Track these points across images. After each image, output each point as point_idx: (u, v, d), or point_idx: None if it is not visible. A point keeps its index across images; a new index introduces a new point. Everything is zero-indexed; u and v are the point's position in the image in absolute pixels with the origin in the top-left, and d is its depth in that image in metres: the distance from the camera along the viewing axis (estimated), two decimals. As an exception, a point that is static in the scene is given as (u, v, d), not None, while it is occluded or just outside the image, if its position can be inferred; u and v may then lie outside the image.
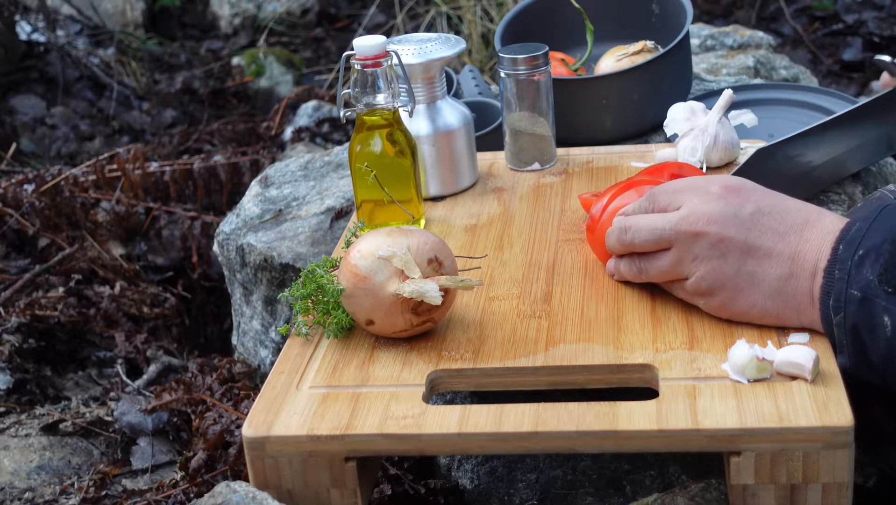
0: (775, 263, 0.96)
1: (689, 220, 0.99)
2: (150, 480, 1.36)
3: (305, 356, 1.03)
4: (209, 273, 2.00)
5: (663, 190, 1.04)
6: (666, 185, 1.05)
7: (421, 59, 1.29)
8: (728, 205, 0.98)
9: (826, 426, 0.86)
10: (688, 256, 0.99)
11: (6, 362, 1.55)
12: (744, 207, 0.98)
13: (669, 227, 1.00)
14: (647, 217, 1.04)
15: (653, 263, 1.03)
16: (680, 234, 0.99)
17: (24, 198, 1.94)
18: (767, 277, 0.96)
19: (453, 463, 1.18)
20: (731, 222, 0.97)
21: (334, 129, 2.33)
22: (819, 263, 0.93)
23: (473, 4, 2.94)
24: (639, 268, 1.05)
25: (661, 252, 1.02)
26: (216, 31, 3.65)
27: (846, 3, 3.32)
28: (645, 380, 0.97)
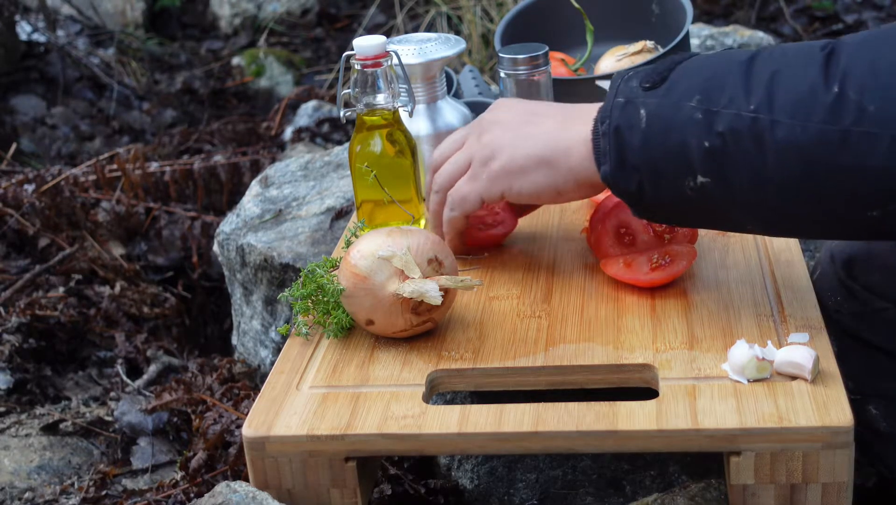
0: (551, 121, 1.03)
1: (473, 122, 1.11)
2: (151, 479, 1.36)
3: (305, 356, 1.03)
4: (209, 273, 2.00)
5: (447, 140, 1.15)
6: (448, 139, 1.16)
7: (421, 59, 1.29)
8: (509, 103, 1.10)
9: (826, 426, 0.86)
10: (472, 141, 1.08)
11: (6, 362, 1.55)
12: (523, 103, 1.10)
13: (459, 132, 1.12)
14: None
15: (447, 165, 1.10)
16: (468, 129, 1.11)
17: (25, 198, 1.94)
18: (543, 129, 1.03)
19: (453, 463, 1.18)
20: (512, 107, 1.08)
21: (334, 129, 2.33)
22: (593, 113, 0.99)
23: (473, 4, 2.94)
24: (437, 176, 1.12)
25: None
26: (216, 31, 3.65)
27: (846, 3, 3.32)
28: (645, 380, 0.97)
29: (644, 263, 1.09)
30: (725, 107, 0.89)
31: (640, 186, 0.94)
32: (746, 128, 0.87)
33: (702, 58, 0.95)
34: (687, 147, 0.90)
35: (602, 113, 0.96)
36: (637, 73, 0.97)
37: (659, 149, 0.92)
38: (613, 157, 0.95)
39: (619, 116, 0.94)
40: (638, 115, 0.93)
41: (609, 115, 0.95)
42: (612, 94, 0.96)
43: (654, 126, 0.92)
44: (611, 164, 0.95)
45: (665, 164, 0.92)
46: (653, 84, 0.94)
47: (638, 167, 0.93)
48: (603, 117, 0.96)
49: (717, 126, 0.88)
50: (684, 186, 0.92)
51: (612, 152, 0.95)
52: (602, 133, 0.96)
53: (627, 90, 0.95)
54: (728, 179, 0.89)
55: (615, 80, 0.97)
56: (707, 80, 0.91)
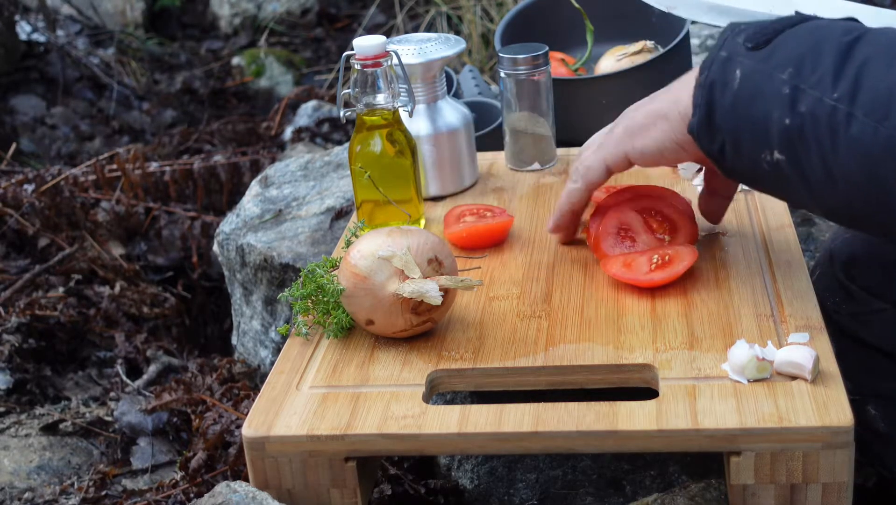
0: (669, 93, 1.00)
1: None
2: (150, 480, 1.36)
3: (305, 356, 1.03)
4: (209, 273, 2.00)
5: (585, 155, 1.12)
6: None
7: (421, 59, 1.29)
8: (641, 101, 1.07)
9: (826, 426, 0.86)
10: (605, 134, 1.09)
11: (6, 362, 1.55)
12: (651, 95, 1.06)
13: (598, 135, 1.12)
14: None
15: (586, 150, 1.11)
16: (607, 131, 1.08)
17: (24, 198, 1.94)
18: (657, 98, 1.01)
19: (453, 463, 1.18)
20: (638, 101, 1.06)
21: (334, 129, 2.33)
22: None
23: (473, 4, 2.94)
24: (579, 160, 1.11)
25: None
26: (216, 31, 3.65)
27: (846, 3, 3.31)
28: (645, 380, 0.97)
29: (644, 263, 1.09)
30: (812, 87, 0.85)
31: (721, 148, 0.92)
32: (825, 115, 0.83)
33: (812, 26, 0.90)
34: (769, 120, 0.87)
35: (705, 62, 0.94)
36: (748, 28, 0.92)
37: (744, 115, 0.89)
38: (702, 112, 0.92)
39: (716, 71, 0.91)
40: (733, 75, 0.90)
41: (709, 67, 0.92)
42: (719, 43, 0.93)
43: (745, 91, 0.89)
44: (698, 119, 0.93)
45: (746, 132, 0.89)
46: (756, 45, 0.90)
47: (722, 128, 0.91)
48: (703, 67, 0.93)
49: (800, 105, 0.85)
50: (761, 159, 0.89)
51: (702, 107, 0.92)
52: (698, 84, 0.93)
53: (732, 45, 0.92)
54: (801, 163, 0.86)
55: (725, 31, 0.94)
56: (804, 54, 0.87)
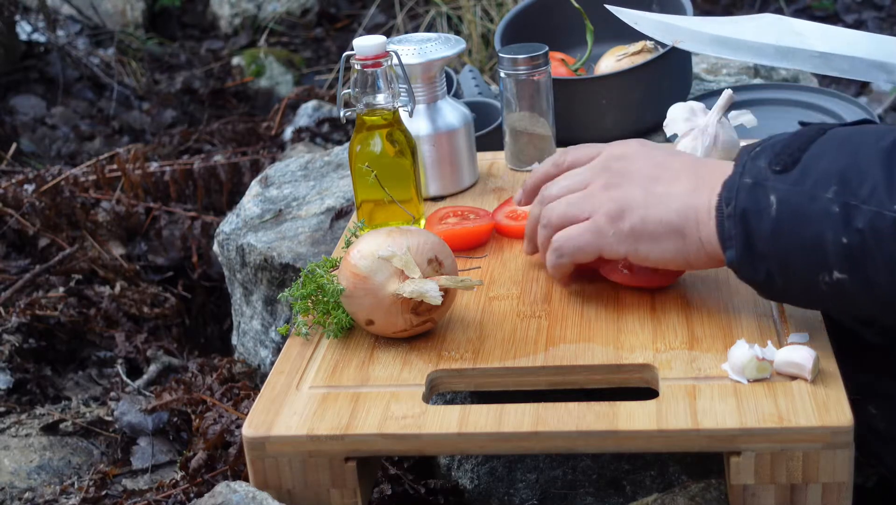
0: (682, 182, 0.97)
1: (602, 159, 1.03)
2: (151, 479, 1.36)
3: (305, 356, 1.03)
4: (209, 273, 2.00)
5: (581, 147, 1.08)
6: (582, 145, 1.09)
7: (421, 59, 1.29)
8: (642, 147, 1.02)
9: (826, 426, 0.86)
10: (597, 187, 1.01)
11: (6, 362, 1.55)
12: (654, 151, 1.02)
13: (586, 169, 1.04)
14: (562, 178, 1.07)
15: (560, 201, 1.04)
16: (594, 171, 1.02)
17: (25, 198, 1.94)
18: (673, 193, 0.97)
19: (453, 463, 1.18)
20: (642, 156, 1.01)
21: (334, 129, 2.33)
22: (719, 181, 0.94)
23: (473, 4, 2.94)
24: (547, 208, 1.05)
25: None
26: (216, 31, 3.65)
27: (846, 3, 3.32)
28: (645, 380, 0.97)
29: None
30: (865, 201, 0.83)
31: (768, 275, 0.90)
32: (888, 227, 0.82)
33: (838, 137, 0.89)
34: (822, 241, 0.85)
35: (727, 192, 0.91)
36: (765, 150, 0.91)
37: (791, 240, 0.87)
38: (740, 243, 0.90)
39: (745, 199, 0.89)
40: (767, 201, 0.87)
41: (735, 197, 0.90)
42: (738, 170, 0.91)
43: (786, 215, 0.86)
44: (737, 251, 0.90)
45: (798, 256, 0.87)
46: (784, 167, 0.88)
47: (767, 256, 0.89)
48: (728, 198, 0.90)
49: (856, 222, 0.83)
50: (818, 280, 0.87)
51: (739, 238, 0.90)
52: (727, 215, 0.90)
53: (755, 170, 0.89)
54: (868, 278, 0.84)
55: (742, 156, 0.92)
56: (844, 169, 0.85)
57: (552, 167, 1.09)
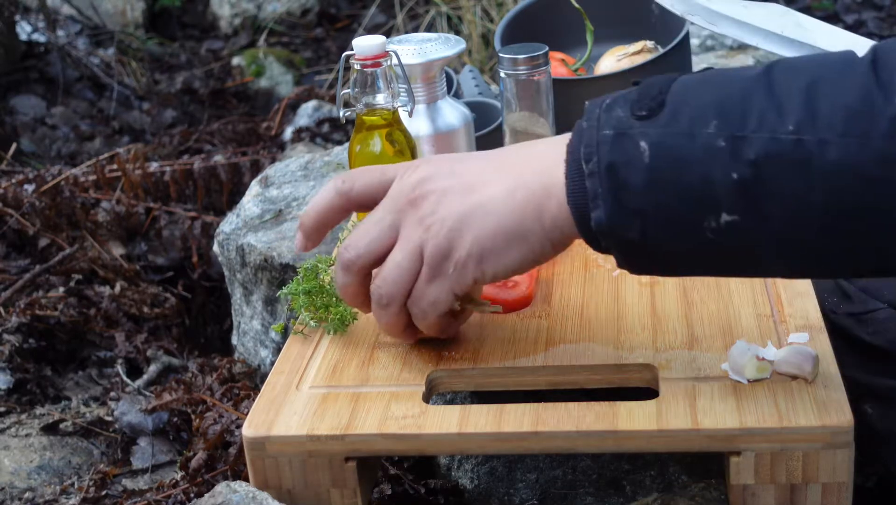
0: (499, 184, 0.86)
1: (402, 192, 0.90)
2: (151, 479, 1.36)
3: (305, 356, 1.03)
4: (209, 273, 2.00)
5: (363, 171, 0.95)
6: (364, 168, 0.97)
7: (421, 59, 1.29)
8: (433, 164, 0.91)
9: (826, 426, 0.86)
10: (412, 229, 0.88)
11: (6, 362, 1.55)
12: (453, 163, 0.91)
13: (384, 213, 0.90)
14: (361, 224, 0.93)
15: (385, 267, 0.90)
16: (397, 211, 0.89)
17: (25, 198, 1.94)
18: (495, 198, 0.86)
19: (453, 463, 1.18)
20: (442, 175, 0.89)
21: (334, 129, 2.33)
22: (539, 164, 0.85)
23: (473, 4, 2.94)
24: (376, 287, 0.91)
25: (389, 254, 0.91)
26: (216, 31, 3.65)
27: (846, 3, 3.32)
28: (645, 380, 0.97)
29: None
30: (755, 130, 0.76)
31: (643, 233, 0.81)
32: (787, 152, 0.75)
33: (696, 77, 0.82)
34: (710, 182, 0.77)
35: (585, 149, 0.81)
36: (618, 100, 0.82)
37: (671, 187, 0.78)
38: (609, 201, 0.80)
39: (610, 152, 0.80)
40: (637, 150, 0.79)
41: (596, 151, 0.80)
42: (591, 126, 0.82)
43: (662, 161, 0.78)
44: (606, 210, 0.80)
45: (680, 204, 0.79)
46: (649, 111, 0.80)
47: (642, 211, 0.80)
48: (588, 154, 0.81)
49: (746, 153, 0.76)
50: (703, 228, 0.79)
51: (607, 195, 0.80)
52: (589, 173, 0.81)
53: (613, 120, 0.81)
54: (762, 214, 0.77)
55: (591, 110, 0.83)
56: (722, 101, 0.78)
57: (337, 196, 0.95)
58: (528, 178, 0.85)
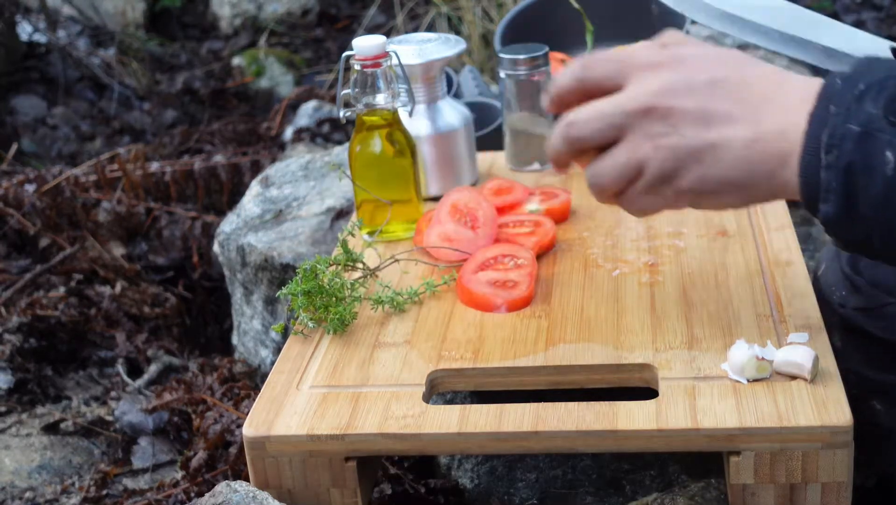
0: (739, 128, 0.84)
1: (639, 97, 0.87)
2: (151, 479, 1.36)
3: (305, 356, 1.03)
4: (210, 273, 2.00)
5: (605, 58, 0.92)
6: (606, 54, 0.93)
7: (421, 60, 1.29)
8: (677, 75, 0.87)
9: (825, 426, 0.86)
10: (640, 139, 0.87)
11: (7, 362, 1.55)
12: (696, 76, 0.86)
13: (619, 111, 0.87)
14: (589, 105, 0.90)
15: (605, 162, 0.89)
16: (630, 115, 0.87)
17: (26, 198, 1.94)
18: (732, 143, 0.84)
19: (453, 463, 1.18)
20: (682, 92, 0.86)
21: (334, 130, 2.33)
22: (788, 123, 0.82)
23: (473, 5, 2.94)
24: (592, 174, 0.91)
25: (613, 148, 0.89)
26: (217, 31, 3.65)
27: (845, 3, 3.32)
28: (645, 380, 0.97)
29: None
30: None
31: (867, 237, 0.79)
32: None
33: None
34: None
35: (828, 138, 0.78)
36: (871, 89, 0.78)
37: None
38: (839, 201, 0.78)
39: (853, 150, 0.76)
40: (882, 158, 0.75)
41: (838, 145, 0.77)
42: (840, 113, 0.78)
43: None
44: (835, 208, 0.78)
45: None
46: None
47: (871, 219, 0.77)
48: (829, 145, 0.77)
49: None
50: None
51: (839, 193, 0.77)
52: (826, 165, 0.78)
53: (864, 115, 0.77)
54: None
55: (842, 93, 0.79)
56: None
57: (573, 82, 0.93)
58: (768, 133, 0.82)
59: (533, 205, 1.26)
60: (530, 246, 1.15)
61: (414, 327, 1.06)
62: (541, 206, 1.25)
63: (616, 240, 1.20)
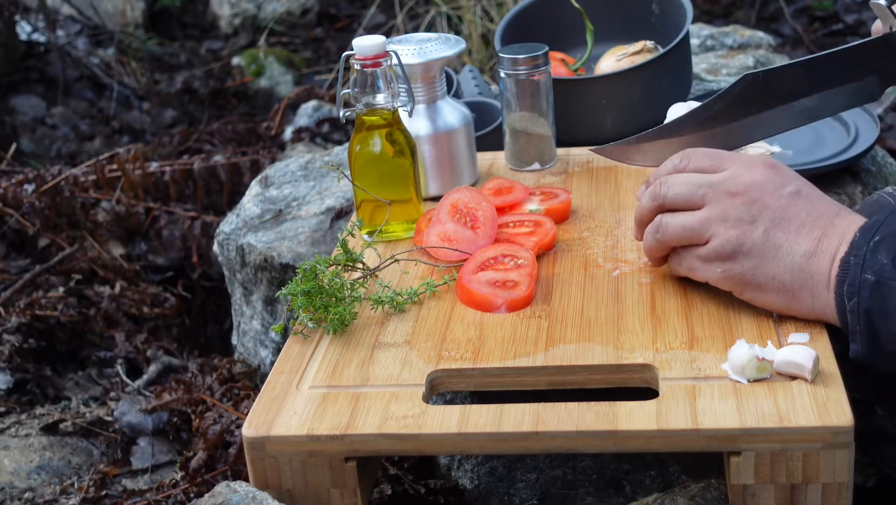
0: (803, 240, 0.95)
1: (730, 181, 0.98)
2: (150, 479, 1.36)
3: (305, 356, 1.03)
4: (209, 273, 2.00)
5: (704, 152, 1.02)
6: (705, 149, 1.04)
7: (421, 59, 1.29)
8: (771, 177, 0.98)
9: (826, 426, 0.86)
10: (718, 216, 0.98)
11: (6, 362, 1.55)
12: (786, 185, 0.97)
13: (708, 184, 0.98)
14: (685, 174, 1.01)
15: (677, 219, 1.00)
16: (718, 192, 0.98)
17: (25, 198, 1.94)
18: (793, 251, 0.95)
19: (453, 463, 1.18)
20: (770, 191, 0.97)
21: (334, 129, 2.33)
22: (840, 248, 0.93)
23: (473, 4, 2.94)
24: (660, 224, 1.02)
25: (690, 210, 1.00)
26: (216, 31, 3.65)
27: (846, 3, 3.32)
28: (645, 380, 0.97)
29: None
30: None
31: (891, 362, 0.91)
32: None
33: None
34: None
35: (848, 287, 0.90)
36: (885, 241, 0.90)
37: None
38: (865, 340, 0.90)
39: (869, 298, 0.89)
40: (893, 301, 0.88)
41: (857, 293, 0.90)
42: (857, 263, 0.90)
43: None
44: (863, 347, 0.91)
45: None
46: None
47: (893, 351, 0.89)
48: (850, 293, 0.90)
49: None
50: None
51: (864, 335, 0.90)
52: (850, 309, 0.90)
53: (877, 266, 0.89)
54: None
55: (860, 243, 0.91)
56: None
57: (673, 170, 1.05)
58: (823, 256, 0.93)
59: (533, 205, 1.25)
60: (530, 246, 1.15)
61: (414, 327, 1.06)
62: (541, 207, 1.25)
63: (616, 240, 1.19)
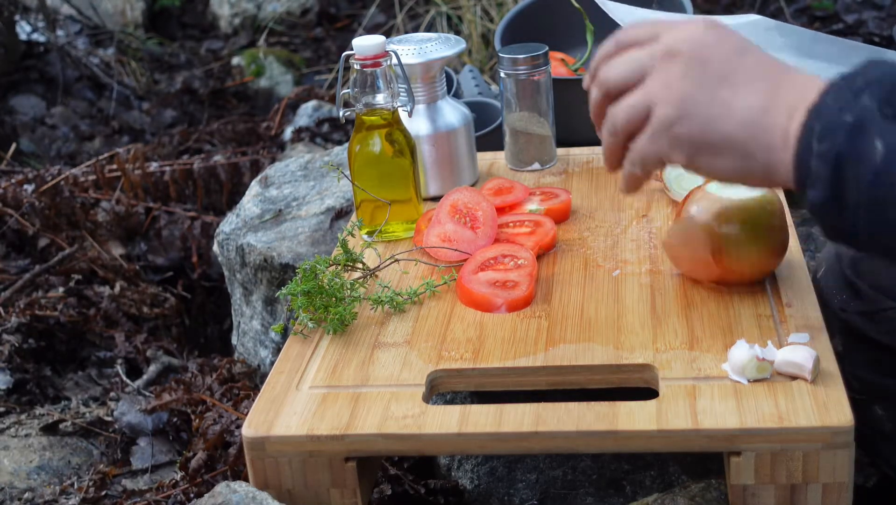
0: (755, 94, 0.84)
1: (668, 45, 0.88)
2: (150, 480, 1.36)
3: (305, 356, 1.03)
4: (209, 273, 2.00)
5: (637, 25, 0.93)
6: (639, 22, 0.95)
7: (421, 59, 1.29)
8: (713, 34, 0.88)
9: (826, 426, 0.86)
10: (660, 84, 0.87)
11: (6, 362, 1.55)
12: (729, 40, 0.88)
13: (647, 56, 0.89)
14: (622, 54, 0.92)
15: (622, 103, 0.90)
16: (657, 59, 0.88)
17: (24, 198, 1.94)
18: (743, 105, 0.84)
19: (453, 463, 1.18)
20: (712, 46, 0.87)
21: (334, 129, 2.33)
22: (800, 102, 0.82)
23: (473, 4, 2.94)
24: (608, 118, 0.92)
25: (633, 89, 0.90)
26: (216, 31, 3.65)
27: (846, 3, 3.32)
28: (645, 380, 0.97)
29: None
30: None
31: (853, 225, 0.79)
32: None
33: None
34: None
35: (822, 127, 0.78)
36: (871, 85, 0.78)
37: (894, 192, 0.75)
38: (826, 188, 0.78)
39: (845, 142, 0.77)
40: (872, 149, 0.76)
41: (831, 134, 0.78)
42: (834, 103, 0.79)
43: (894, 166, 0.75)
44: (821, 195, 0.78)
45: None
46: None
47: (860, 206, 0.77)
48: (822, 133, 0.78)
49: None
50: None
51: (826, 181, 0.78)
52: (817, 153, 0.78)
53: (858, 108, 0.77)
54: None
55: (838, 86, 0.80)
56: None
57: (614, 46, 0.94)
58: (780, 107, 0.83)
59: (533, 205, 1.25)
60: (530, 246, 1.15)
61: (414, 327, 1.06)
62: (541, 207, 1.25)
63: (616, 240, 1.19)
